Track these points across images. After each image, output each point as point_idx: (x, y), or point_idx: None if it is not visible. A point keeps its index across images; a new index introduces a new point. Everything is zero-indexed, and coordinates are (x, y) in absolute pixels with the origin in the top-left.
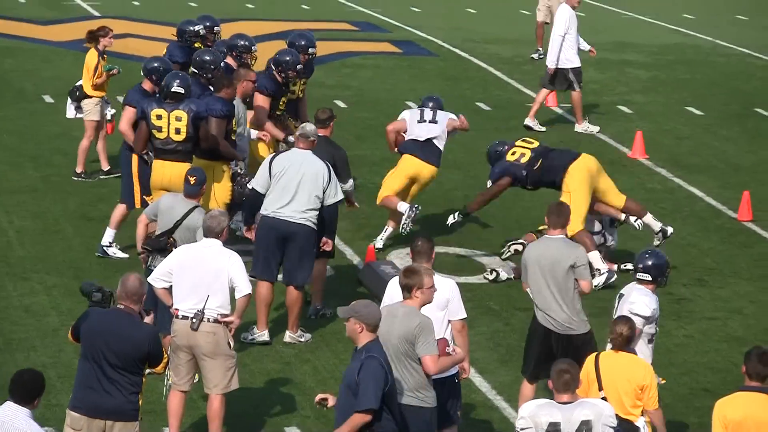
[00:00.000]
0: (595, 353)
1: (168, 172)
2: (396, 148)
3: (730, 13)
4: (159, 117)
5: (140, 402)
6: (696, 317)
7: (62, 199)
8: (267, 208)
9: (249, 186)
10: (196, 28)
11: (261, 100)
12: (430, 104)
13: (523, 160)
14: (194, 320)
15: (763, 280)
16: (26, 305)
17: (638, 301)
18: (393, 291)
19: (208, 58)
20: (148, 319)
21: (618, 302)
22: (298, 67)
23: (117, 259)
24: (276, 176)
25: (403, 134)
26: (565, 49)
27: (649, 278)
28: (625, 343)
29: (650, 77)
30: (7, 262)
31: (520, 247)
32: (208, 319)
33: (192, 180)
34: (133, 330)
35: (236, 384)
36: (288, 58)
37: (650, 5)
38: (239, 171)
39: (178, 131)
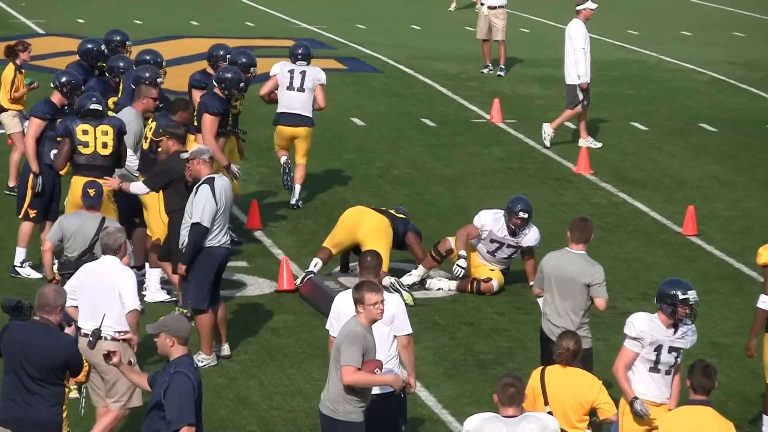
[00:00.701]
0: (541, 367)
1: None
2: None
3: (674, 29)
4: (85, 132)
5: (64, 414)
6: None
7: (6, 216)
8: (213, 240)
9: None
10: (101, 47)
11: (209, 121)
12: (299, 51)
13: None
14: (91, 339)
15: (708, 294)
16: None
17: (629, 320)
18: (339, 306)
19: (121, 64)
20: (69, 330)
21: None
22: (241, 84)
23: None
24: (221, 207)
25: (276, 92)
26: (576, 63)
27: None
28: (572, 358)
29: (595, 93)
30: None
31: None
32: (106, 337)
33: (92, 192)
34: (49, 340)
35: (138, 401)
36: (230, 75)
37: (595, 21)
38: None
39: (105, 145)
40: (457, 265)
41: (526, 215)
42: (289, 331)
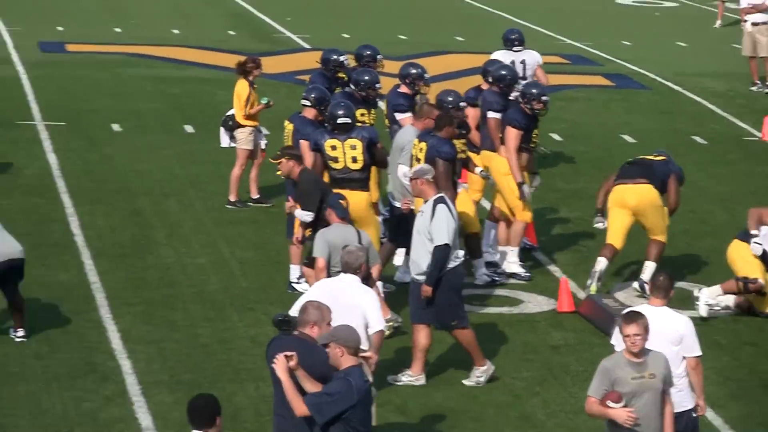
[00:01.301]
0: None
1: (347, 201)
2: None
3: None
4: (333, 147)
5: None
6: None
7: (283, 231)
8: (455, 260)
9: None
10: (341, 58)
11: (513, 135)
12: (514, 37)
13: None
14: None
15: None
16: (252, 336)
17: None
18: None
19: (366, 78)
20: None
21: None
22: (543, 98)
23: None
24: (458, 224)
25: None
26: None
27: None
28: None
29: None
30: (231, 293)
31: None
32: None
33: (344, 203)
34: (306, 354)
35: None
36: (535, 90)
37: None
38: None
39: (354, 159)
40: (754, 243)
41: None
42: (570, 349)
